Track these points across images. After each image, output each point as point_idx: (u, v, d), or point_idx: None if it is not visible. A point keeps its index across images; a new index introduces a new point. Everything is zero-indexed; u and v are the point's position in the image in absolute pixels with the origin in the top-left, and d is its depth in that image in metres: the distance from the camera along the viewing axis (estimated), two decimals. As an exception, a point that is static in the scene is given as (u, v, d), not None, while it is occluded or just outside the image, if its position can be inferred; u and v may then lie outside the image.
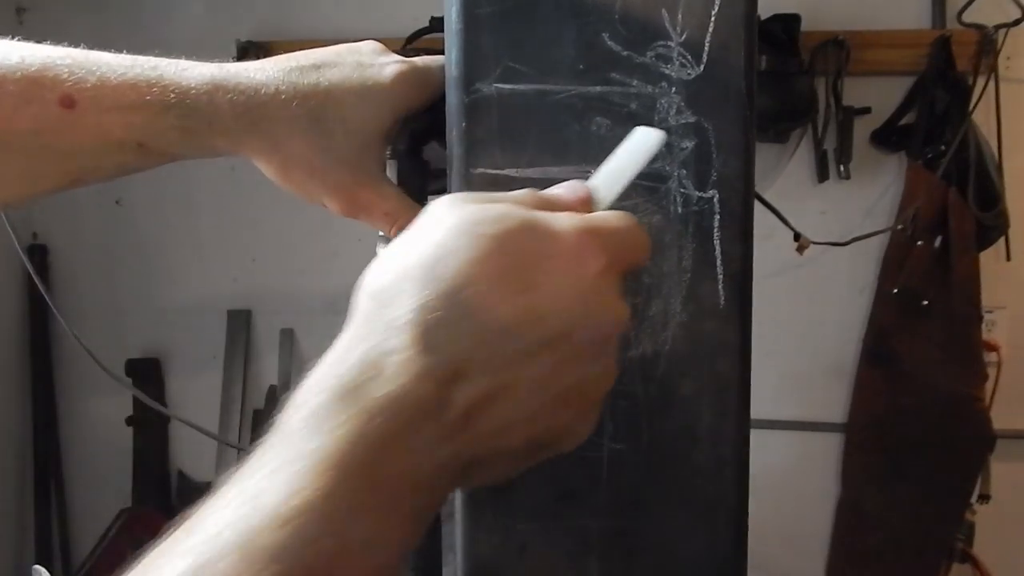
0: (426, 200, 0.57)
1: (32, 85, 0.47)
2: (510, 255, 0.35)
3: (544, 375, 0.36)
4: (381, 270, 0.37)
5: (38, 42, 0.50)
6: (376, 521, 0.33)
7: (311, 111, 0.51)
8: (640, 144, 0.45)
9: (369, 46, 0.55)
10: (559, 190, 0.43)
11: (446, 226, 0.36)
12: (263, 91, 0.51)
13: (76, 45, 0.50)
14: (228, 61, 0.53)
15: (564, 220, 0.38)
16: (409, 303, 0.35)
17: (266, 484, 0.32)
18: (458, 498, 0.53)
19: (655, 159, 0.50)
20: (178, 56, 0.52)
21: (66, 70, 0.48)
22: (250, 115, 0.50)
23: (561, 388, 0.37)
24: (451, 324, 0.34)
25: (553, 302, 0.35)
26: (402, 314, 0.35)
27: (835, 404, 1.91)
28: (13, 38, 0.50)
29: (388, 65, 0.53)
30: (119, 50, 0.51)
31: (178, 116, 0.49)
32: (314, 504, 0.31)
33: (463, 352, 0.34)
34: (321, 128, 0.51)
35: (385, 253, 0.38)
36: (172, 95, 0.49)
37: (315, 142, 0.51)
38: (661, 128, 0.49)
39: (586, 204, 0.42)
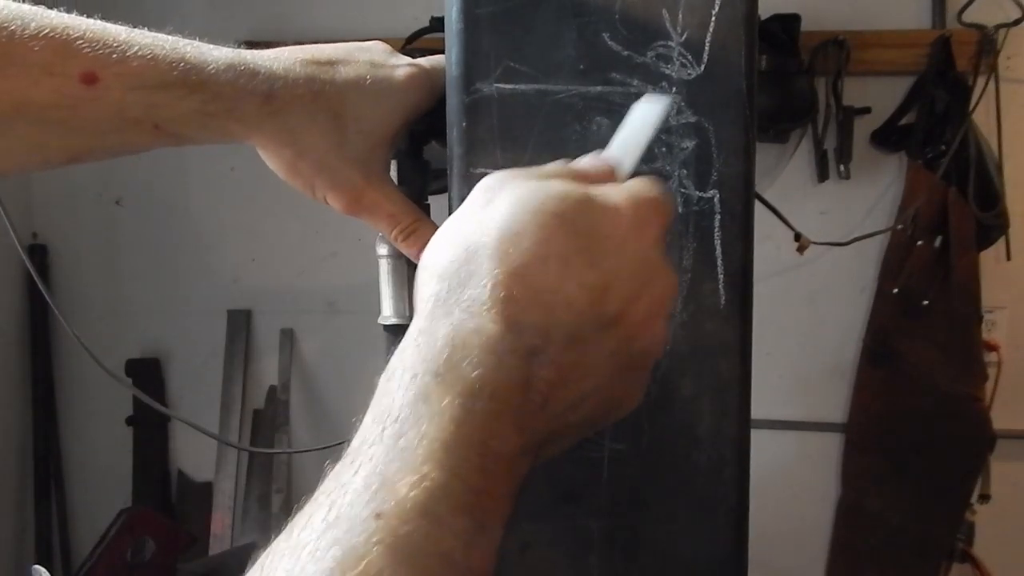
0: (426, 200, 0.57)
1: (54, 56, 0.45)
2: (576, 232, 0.36)
3: (613, 347, 0.37)
4: (445, 249, 0.38)
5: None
6: (489, 499, 0.33)
7: (329, 106, 0.51)
8: (650, 110, 0.44)
9: (379, 46, 0.55)
10: (585, 163, 0.43)
11: (509, 204, 0.37)
12: (280, 82, 0.50)
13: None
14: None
15: (615, 193, 0.39)
16: (485, 282, 0.35)
17: (395, 473, 0.32)
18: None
19: (655, 159, 0.50)
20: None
21: (87, 44, 0.46)
22: (270, 104, 0.50)
23: (622, 359, 0.38)
24: (527, 302, 0.35)
25: (618, 275, 0.36)
26: (479, 293, 0.35)
27: (835, 404, 1.91)
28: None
29: (400, 67, 0.53)
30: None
31: (201, 100, 0.48)
32: (445, 493, 0.31)
33: (541, 329, 0.35)
34: (336, 124, 0.51)
35: (444, 233, 0.39)
36: (195, 77, 0.48)
37: (330, 137, 0.51)
38: (661, 128, 0.49)
39: (610, 176, 0.42)
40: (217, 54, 0.50)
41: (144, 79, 0.47)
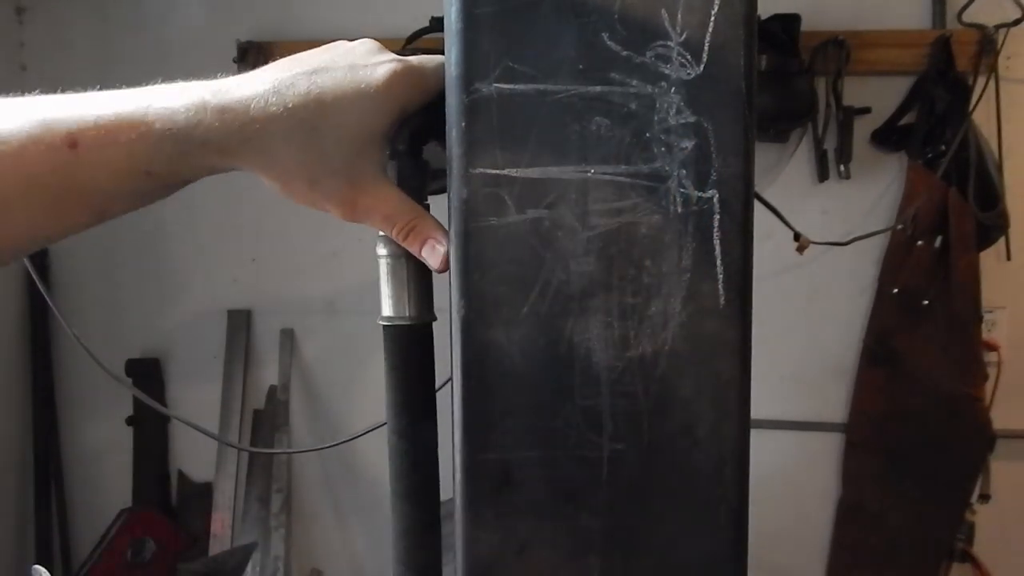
0: (426, 200, 0.57)
1: (39, 127, 0.50)
2: None
3: None
4: None
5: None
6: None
7: (303, 121, 0.51)
8: None
9: (364, 46, 0.55)
10: None
11: None
12: (253, 105, 0.51)
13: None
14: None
15: None
16: None
17: None
18: (458, 498, 0.53)
19: (654, 159, 0.50)
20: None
21: (66, 114, 0.51)
22: (242, 132, 0.51)
23: None
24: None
25: None
26: None
27: (835, 404, 1.91)
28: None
29: (381, 65, 0.53)
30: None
31: (172, 143, 0.51)
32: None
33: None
34: (314, 138, 0.51)
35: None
36: (159, 124, 0.51)
37: (310, 153, 0.51)
38: (660, 128, 0.49)
39: None
40: (187, 96, 0.52)
41: (119, 137, 0.51)
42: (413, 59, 0.54)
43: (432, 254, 0.54)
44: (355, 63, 0.53)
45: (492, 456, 0.52)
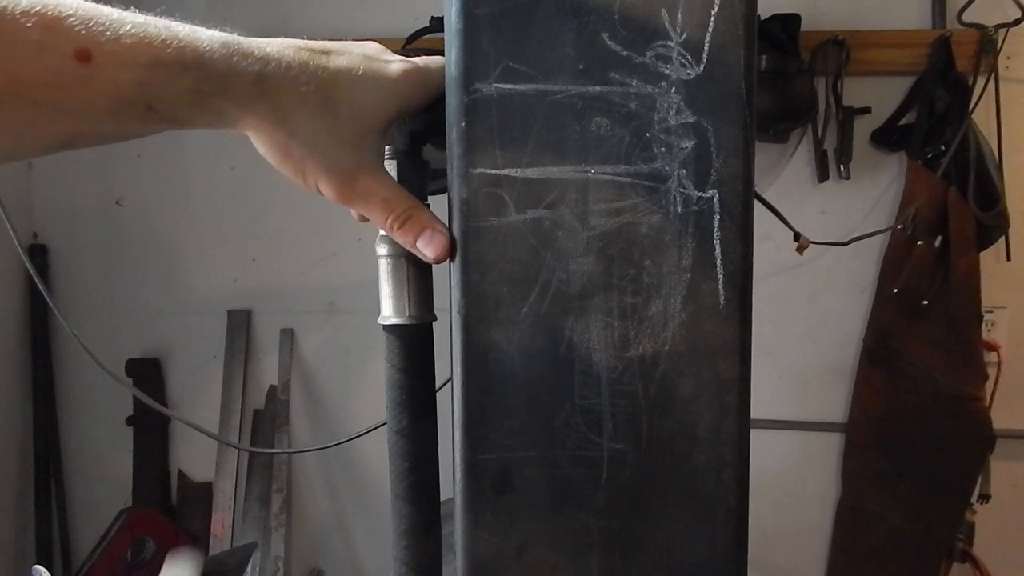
0: (426, 200, 0.57)
1: (47, 33, 0.44)
2: None
3: None
4: None
5: None
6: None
7: (321, 89, 0.51)
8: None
9: (373, 45, 0.55)
10: None
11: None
12: (274, 64, 0.50)
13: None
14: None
15: None
16: None
17: None
18: (458, 498, 0.53)
19: (654, 159, 0.50)
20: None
21: (79, 21, 0.45)
22: (261, 84, 0.50)
23: None
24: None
25: None
26: None
27: (835, 404, 1.91)
28: None
29: (393, 63, 0.54)
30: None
31: (195, 78, 0.48)
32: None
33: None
34: (329, 107, 0.51)
35: None
36: (189, 55, 0.48)
37: (321, 120, 0.51)
38: (660, 128, 0.49)
39: None
40: (210, 34, 0.50)
41: (137, 57, 0.46)
42: (419, 60, 0.55)
43: (428, 243, 0.53)
44: (368, 54, 0.54)
45: (492, 456, 0.52)
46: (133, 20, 0.47)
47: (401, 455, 0.58)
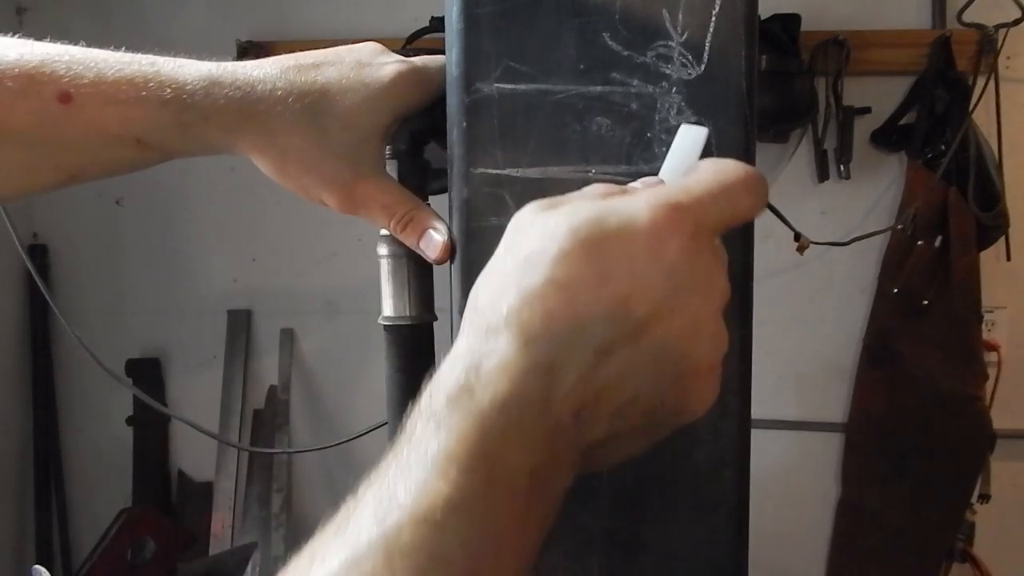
0: (426, 200, 0.57)
1: (30, 81, 0.47)
2: (589, 248, 0.36)
3: (645, 357, 0.37)
4: (483, 285, 0.39)
5: (36, 39, 0.51)
6: (501, 513, 0.34)
7: (307, 106, 0.51)
8: (691, 140, 0.45)
9: (369, 47, 0.55)
10: (636, 185, 0.43)
11: (531, 233, 0.38)
12: (260, 87, 0.51)
13: (76, 44, 0.51)
14: (228, 61, 0.53)
15: (639, 200, 0.38)
16: (501, 308, 0.36)
17: (400, 486, 0.34)
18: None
19: (656, 159, 0.50)
20: (178, 56, 0.52)
21: (63, 66, 0.48)
22: (246, 110, 0.51)
23: (668, 366, 0.37)
24: (542, 323, 0.36)
25: (636, 289, 0.36)
26: (497, 319, 0.36)
27: (835, 404, 1.91)
28: (13, 35, 0.51)
29: (387, 65, 0.54)
30: (119, 50, 0.51)
31: (175, 111, 0.49)
32: (445, 501, 0.33)
33: (557, 347, 0.35)
34: (317, 123, 0.52)
35: (487, 268, 0.40)
36: (169, 90, 0.49)
37: (311, 136, 0.51)
38: (661, 128, 0.49)
39: None
40: (195, 67, 0.51)
41: (117, 95, 0.48)
42: (417, 60, 0.55)
43: (430, 244, 0.53)
44: (361, 60, 0.54)
45: (493, 456, 0.52)
46: (118, 60, 0.49)
47: (401, 455, 0.58)
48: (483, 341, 0.36)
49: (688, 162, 0.44)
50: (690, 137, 0.45)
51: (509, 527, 0.34)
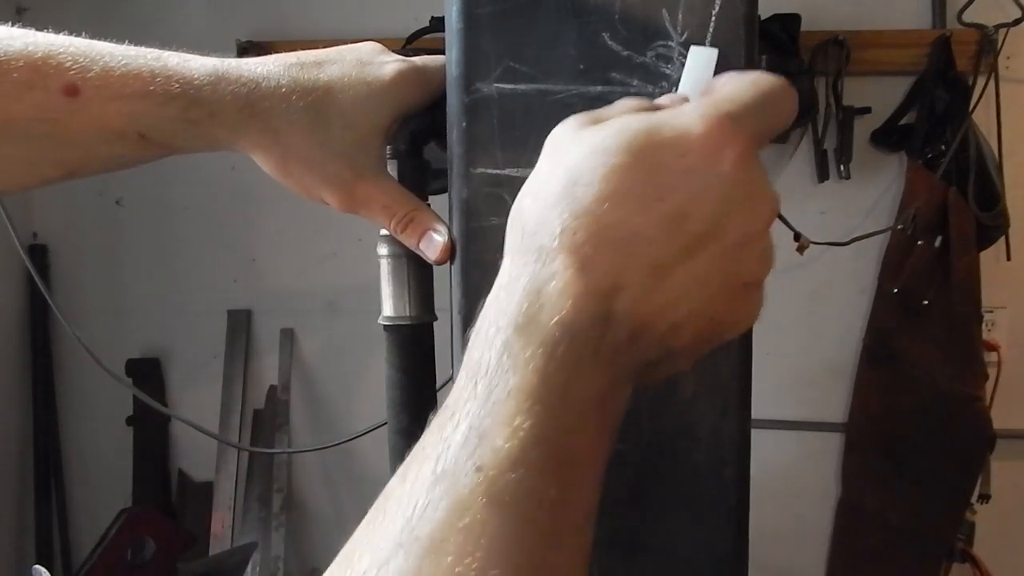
0: (426, 200, 0.57)
1: (35, 72, 0.47)
2: (641, 163, 0.35)
3: (699, 274, 0.36)
4: (524, 203, 0.38)
5: (40, 31, 0.51)
6: (583, 438, 0.35)
7: (310, 105, 0.51)
8: (704, 61, 0.44)
9: (369, 46, 0.55)
10: (663, 101, 0.42)
11: (576, 150, 0.37)
12: (264, 84, 0.51)
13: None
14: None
15: (690, 112, 0.37)
16: (554, 229, 0.35)
17: (489, 423, 0.34)
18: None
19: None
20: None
21: (69, 58, 0.48)
22: (251, 107, 0.51)
23: (720, 281, 0.37)
24: (598, 242, 0.35)
25: (693, 202, 0.35)
26: (549, 240, 0.35)
27: (835, 404, 1.91)
28: (15, 26, 0.50)
29: (388, 64, 0.54)
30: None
31: (181, 107, 0.49)
32: (536, 440, 0.33)
33: (615, 266, 0.35)
34: (320, 121, 0.52)
35: (525, 187, 0.39)
36: (176, 85, 0.49)
37: (313, 135, 0.52)
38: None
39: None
40: (201, 62, 0.51)
41: (124, 89, 0.48)
42: (417, 59, 0.55)
43: (430, 245, 0.53)
44: (363, 59, 0.54)
45: (492, 456, 0.52)
46: (124, 54, 0.49)
47: (401, 455, 0.57)
48: (540, 264, 0.35)
49: (703, 82, 0.43)
50: (703, 58, 0.44)
51: (589, 456, 0.35)
